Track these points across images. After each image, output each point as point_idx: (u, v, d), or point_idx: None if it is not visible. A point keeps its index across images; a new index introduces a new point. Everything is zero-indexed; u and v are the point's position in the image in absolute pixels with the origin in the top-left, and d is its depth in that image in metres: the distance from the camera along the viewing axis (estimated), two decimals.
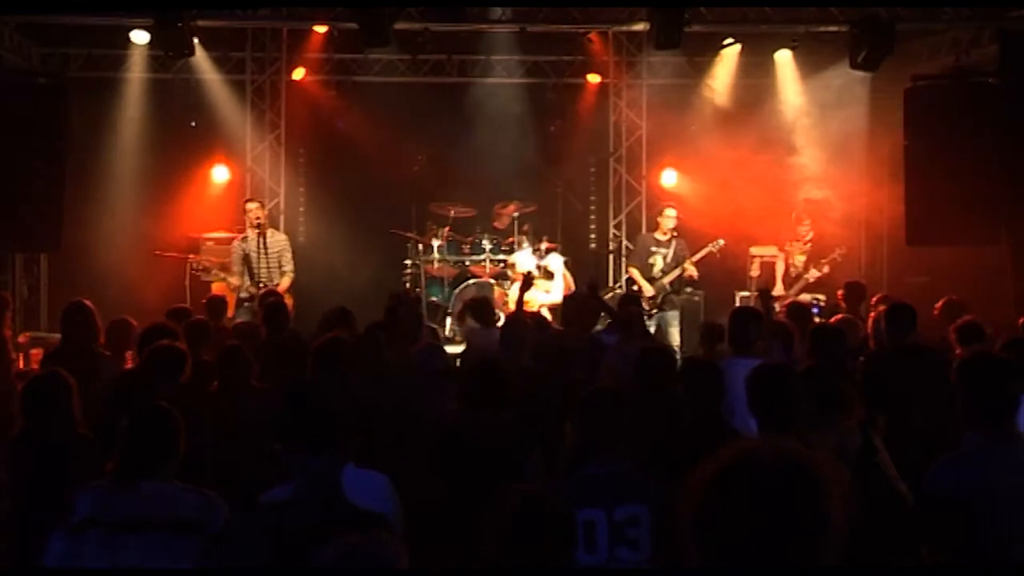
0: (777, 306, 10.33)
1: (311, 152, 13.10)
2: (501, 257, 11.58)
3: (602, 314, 8.15)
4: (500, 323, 8.13)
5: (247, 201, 10.18)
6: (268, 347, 6.66)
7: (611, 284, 12.71)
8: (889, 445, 3.97)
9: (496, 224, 12.15)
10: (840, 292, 8.62)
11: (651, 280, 10.33)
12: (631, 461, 3.71)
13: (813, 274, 10.31)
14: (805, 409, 3.80)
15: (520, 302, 7.58)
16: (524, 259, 10.58)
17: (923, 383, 5.31)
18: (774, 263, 10.81)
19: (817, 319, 8.23)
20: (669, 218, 10.36)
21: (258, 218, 9.78)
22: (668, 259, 10.32)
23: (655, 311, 10.11)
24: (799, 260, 10.62)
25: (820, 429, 3.79)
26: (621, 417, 3.79)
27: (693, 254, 10.28)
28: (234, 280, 9.77)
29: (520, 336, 6.29)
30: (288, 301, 9.19)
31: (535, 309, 9.30)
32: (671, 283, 10.30)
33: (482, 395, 4.85)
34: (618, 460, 3.69)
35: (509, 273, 11.00)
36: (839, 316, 7.42)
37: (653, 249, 10.39)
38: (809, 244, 10.58)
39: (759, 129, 11.66)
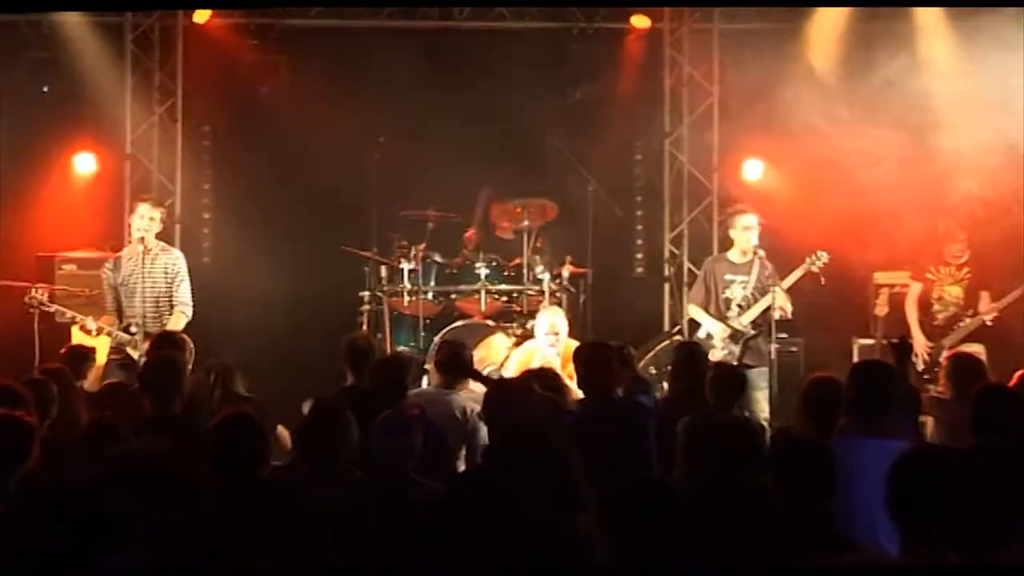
0: (920, 363, 10.26)
1: (220, 132, 13.12)
2: (503, 287, 11.60)
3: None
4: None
5: (139, 201, 10.06)
6: (152, 424, 6.69)
7: (668, 329, 12.67)
8: None
9: (498, 233, 12.27)
10: None
11: (726, 322, 10.28)
12: None
13: (985, 316, 10.24)
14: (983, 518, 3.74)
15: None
16: (545, 323, 10.06)
17: None
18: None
19: None
20: (747, 230, 10.31)
21: (147, 228, 9.69)
22: (749, 289, 10.26)
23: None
24: (952, 293, 10.50)
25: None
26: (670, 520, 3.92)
27: (783, 280, 10.20)
28: (105, 322, 9.69)
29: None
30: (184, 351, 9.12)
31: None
32: (755, 324, 10.21)
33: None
34: None
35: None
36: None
37: (728, 277, 10.36)
38: (966, 269, 10.48)
39: (886, 98, 11.61)
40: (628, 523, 4.13)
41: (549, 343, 9.75)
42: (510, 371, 9.81)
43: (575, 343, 9.60)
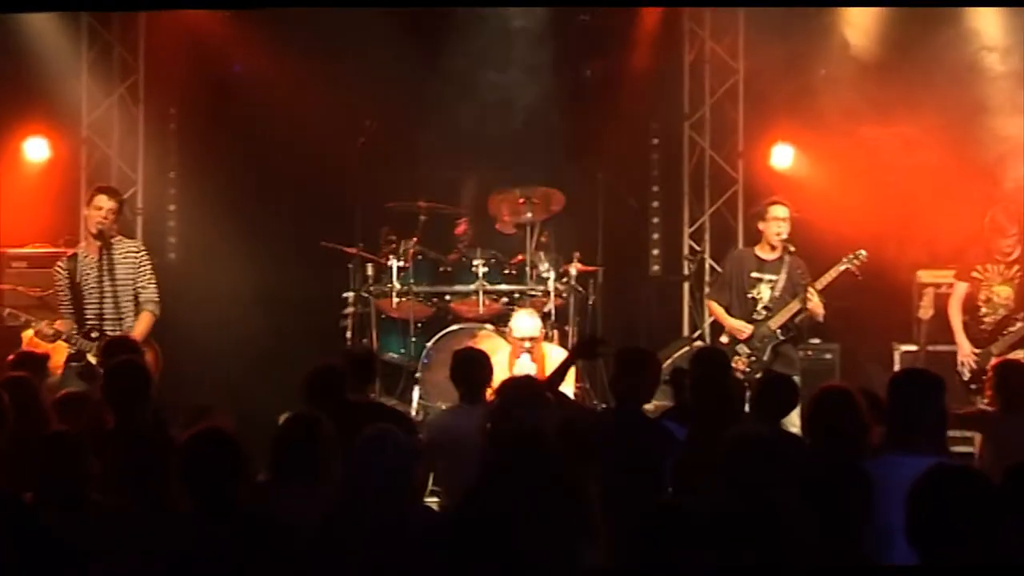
0: (966, 372, 10.29)
1: (188, 114, 13.12)
2: (503, 287, 11.57)
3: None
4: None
5: (96, 192, 10.09)
6: (116, 438, 6.67)
7: (688, 334, 12.74)
8: None
9: (498, 227, 12.23)
10: None
11: (752, 325, 10.41)
12: None
13: None
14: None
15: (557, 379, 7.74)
16: (524, 325, 10.48)
17: None
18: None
19: None
20: (777, 222, 10.39)
21: (104, 220, 9.73)
22: (779, 289, 10.37)
23: (756, 374, 10.07)
24: (1001, 294, 10.47)
25: None
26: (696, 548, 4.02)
27: (817, 279, 10.30)
28: (60, 326, 9.73)
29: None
30: (149, 357, 9.16)
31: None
32: (784, 328, 10.33)
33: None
34: None
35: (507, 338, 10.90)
36: None
37: (755, 274, 10.46)
38: (1017, 267, 10.46)
39: (929, 76, 11.61)
40: (644, 551, 4.23)
41: (526, 348, 9.84)
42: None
43: (553, 347, 9.69)
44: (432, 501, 8.48)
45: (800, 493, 5.03)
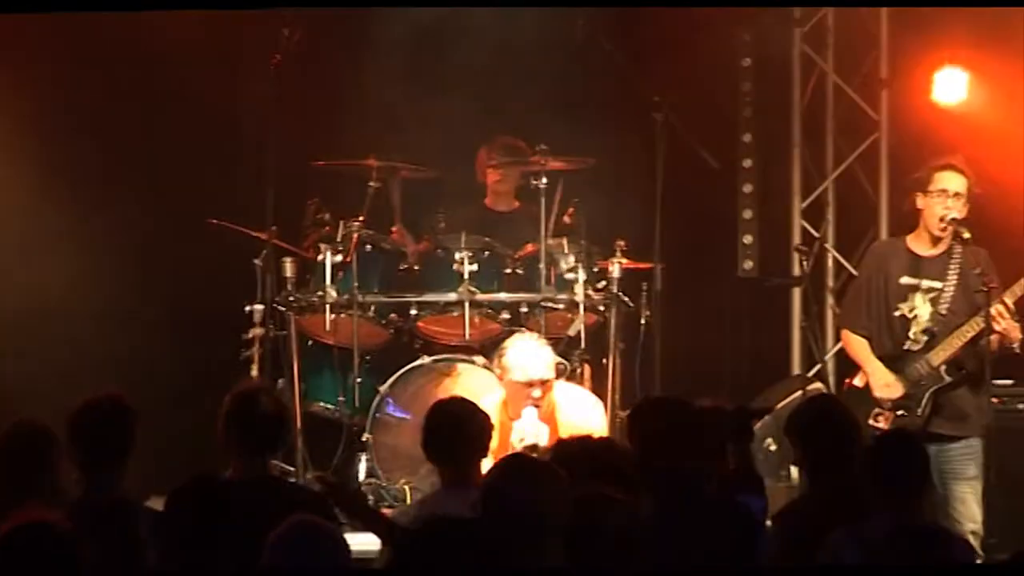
0: None
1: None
2: (503, 296, 11.69)
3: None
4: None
5: None
6: None
7: (799, 371, 12.67)
8: None
9: (488, 203, 12.56)
10: None
11: (901, 359, 10.43)
12: None
13: None
14: None
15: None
16: (528, 362, 10.26)
17: None
18: None
19: None
20: (944, 198, 10.45)
21: None
22: (944, 302, 10.46)
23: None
24: None
25: None
26: None
27: (1008, 286, 10.33)
28: None
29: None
30: None
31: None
32: (950, 364, 10.35)
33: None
34: None
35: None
36: None
37: (906, 280, 10.60)
38: None
39: None
40: None
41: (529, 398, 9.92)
42: None
43: (571, 388, 10.32)
44: None
45: None
